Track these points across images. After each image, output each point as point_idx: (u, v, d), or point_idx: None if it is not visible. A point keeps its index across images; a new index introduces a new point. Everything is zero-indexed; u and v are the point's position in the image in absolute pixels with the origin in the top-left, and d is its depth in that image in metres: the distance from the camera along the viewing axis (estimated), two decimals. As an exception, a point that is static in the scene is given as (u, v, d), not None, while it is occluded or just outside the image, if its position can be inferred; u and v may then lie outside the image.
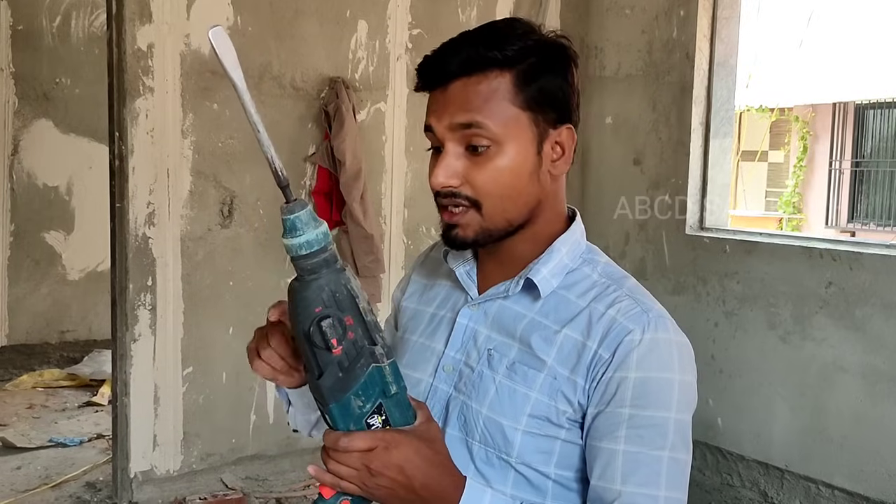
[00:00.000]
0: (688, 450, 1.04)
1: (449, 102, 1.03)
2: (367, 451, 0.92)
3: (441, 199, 1.06)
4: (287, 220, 0.90)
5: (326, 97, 3.66)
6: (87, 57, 5.95)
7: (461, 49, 1.03)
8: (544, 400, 1.03)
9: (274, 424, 3.69)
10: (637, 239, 4.08)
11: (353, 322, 0.91)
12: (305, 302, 0.90)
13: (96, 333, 6.01)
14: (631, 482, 0.99)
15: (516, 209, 1.05)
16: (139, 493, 3.41)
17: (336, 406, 0.92)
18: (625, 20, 4.14)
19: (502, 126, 1.02)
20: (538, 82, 1.03)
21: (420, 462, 0.94)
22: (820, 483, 3.41)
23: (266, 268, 3.64)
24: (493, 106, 1.01)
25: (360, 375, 0.92)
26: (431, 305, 1.19)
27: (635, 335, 1.01)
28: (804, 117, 12.20)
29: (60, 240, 6.01)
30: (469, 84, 1.02)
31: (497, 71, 1.02)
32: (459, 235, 1.06)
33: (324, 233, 0.90)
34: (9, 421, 4.54)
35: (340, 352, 0.91)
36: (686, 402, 1.03)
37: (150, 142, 3.31)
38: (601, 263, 1.11)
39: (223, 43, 0.88)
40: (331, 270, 0.91)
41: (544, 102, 1.04)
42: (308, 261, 0.90)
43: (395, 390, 0.94)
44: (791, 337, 3.50)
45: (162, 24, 3.28)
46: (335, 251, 0.92)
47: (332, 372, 0.91)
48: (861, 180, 12.07)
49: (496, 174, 1.03)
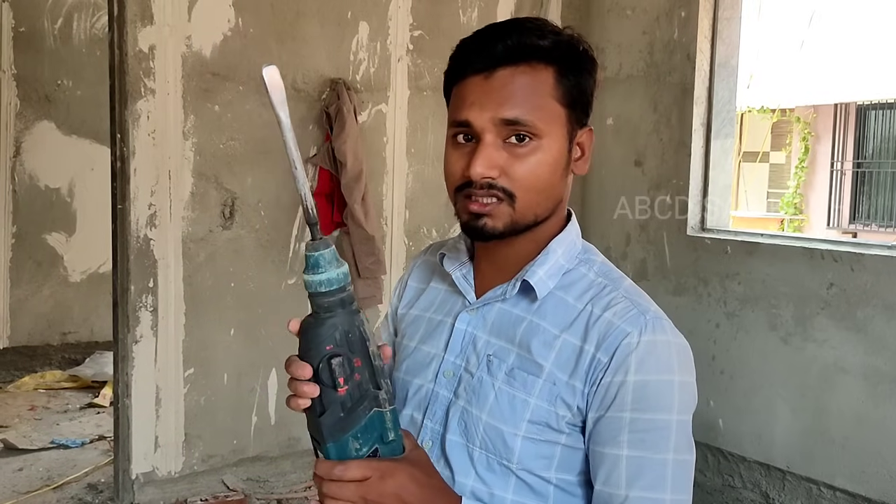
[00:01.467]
0: (691, 450, 1.03)
1: (494, 93, 1.01)
2: (362, 482, 0.92)
3: (473, 190, 1.02)
4: (311, 256, 0.91)
5: (327, 98, 3.66)
6: (88, 59, 5.96)
7: (509, 35, 1.01)
8: (544, 405, 1.02)
9: (275, 426, 3.69)
10: (638, 240, 4.08)
11: (361, 364, 0.92)
12: (318, 339, 0.91)
13: (98, 335, 6.01)
14: (636, 486, 0.99)
15: (546, 205, 1.05)
16: (141, 495, 3.41)
17: (333, 446, 0.93)
18: (626, 21, 4.14)
19: (546, 122, 1.02)
20: (576, 80, 1.03)
21: (416, 488, 0.94)
22: (821, 484, 3.41)
23: (267, 269, 3.64)
24: (539, 101, 1.01)
25: (362, 418, 0.93)
26: (429, 310, 1.18)
27: (632, 338, 1.00)
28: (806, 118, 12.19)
29: (62, 241, 6.01)
30: (516, 74, 1.01)
31: (543, 64, 1.01)
32: (488, 226, 1.03)
33: (344, 273, 0.91)
34: (10, 422, 4.54)
35: (345, 392, 0.91)
36: (686, 403, 1.02)
37: (152, 143, 3.31)
38: (597, 263, 1.11)
39: (275, 81, 0.91)
40: (346, 311, 0.92)
41: (578, 101, 1.04)
42: (325, 298, 0.91)
43: (392, 437, 0.95)
44: (792, 338, 3.50)
45: (163, 26, 3.28)
46: (352, 293, 0.93)
47: (334, 411, 0.92)
48: (863, 181, 12.06)
49: (536, 168, 1.02)
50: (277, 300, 3.66)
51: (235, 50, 3.46)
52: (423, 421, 1.11)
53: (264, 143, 3.57)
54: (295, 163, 0.89)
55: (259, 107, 3.54)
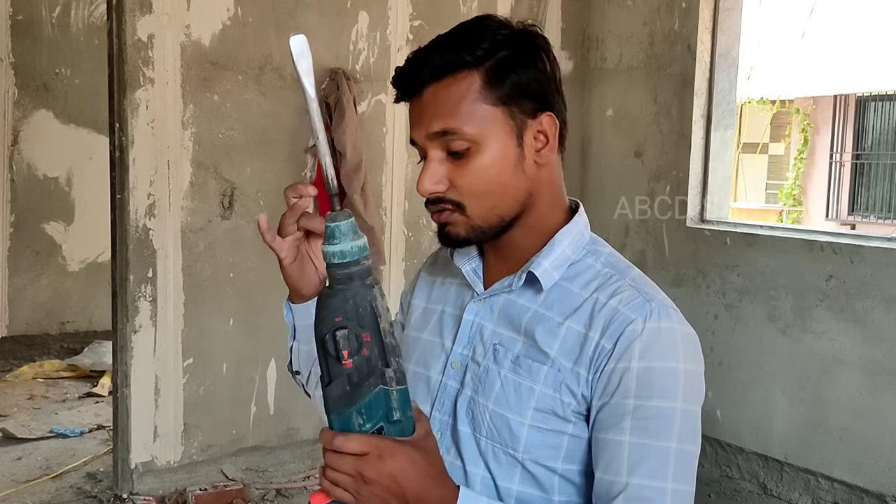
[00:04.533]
0: (695, 441, 1.02)
1: (423, 111, 1.05)
2: (361, 457, 0.92)
3: (429, 206, 1.07)
4: (328, 227, 0.92)
5: (327, 88, 3.65)
6: (86, 47, 5.93)
7: (430, 55, 1.04)
8: (549, 392, 1.02)
9: (274, 416, 3.70)
10: (637, 231, 4.08)
11: (370, 339, 0.91)
12: (328, 309, 0.92)
13: (96, 324, 6.01)
14: (637, 474, 0.98)
15: (505, 204, 1.05)
16: (140, 484, 3.41)
17: (336, 418, 0.93)
18: (626, 12, 4.13)
19: (478, 126, 1.02)
20: (509, 77, 1.03)
21: (414, 473, 0.93)
22: (819, 475, 3.42)
23: (266, 259, 3.62)
24: (466, 108, 1.02)
25: (366, 394, 0.92)
26: (440, 304, 1.19)
27: (637, 325, 1.00)
28: (805, 109, 12.17)
29: (61, 231, 6.00)
30: (439, 89, 1.03)
31: (466, 72, 1.02)
32: (451, 233, 1.07)
33: (360, 247, 0.92)
34: (9, 412, 4.55)
35: (351, 365, 0.91)
36: (692, 392, 1.02)
37: (151, 133, 3.30)
38: (604, 254, 1.11)
39: (302, 50, 0.91)
40: (360, 284, 0.92)
41: (518, 95, 1.03)
42: (339, 270, 0.92)
43: (398, 417, 0.93)
44: (791, 330, 3.51)
45: (162, 15, 3.27)
46: (369, 267, 0.93)
47: (339, 383, 0.92)
48: (862, 173, 12.05)
49: (478, 174, 1.03)
50: (276, 290, 3.63)
51: (234, 39, 3.45)
52: (431, 412, 1.11)
53: (263, 132, 3.56)
54: (318, 133, 0.90)
55: (258, 96, 3.53)
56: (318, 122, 0.90)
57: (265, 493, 3.53)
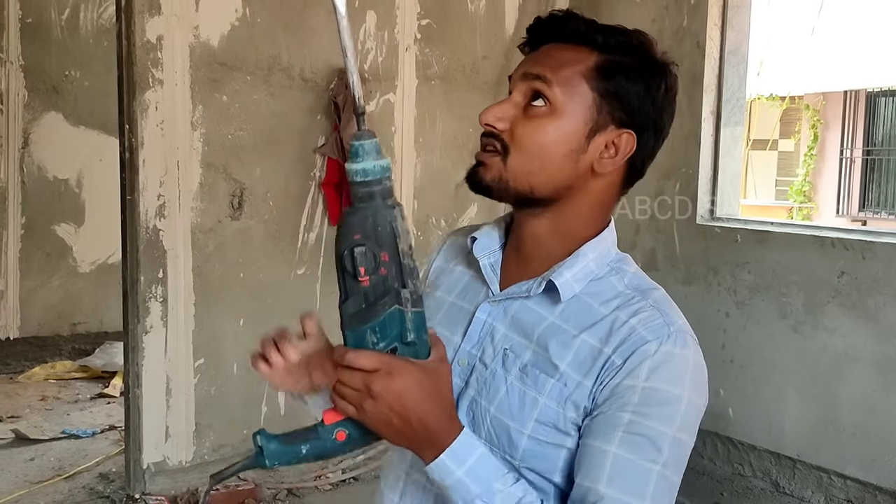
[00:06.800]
0: (679, 472, 1.00)
1: (534, 58, 1.07)
2: (371, 373, 0.92)
3: (482, 138, 1.07)
4: (353, 145, 0.94)
5: (335, 88, 3.66)
6: (96, 49, 5.95)
7: (568, 20, 1.07)
8: (552, 406, 1.01)
9: (285, 415, 3.70)
10: (648, 229, 4.07)
11: (388, 259, 0.92)
12: (348, 227, 0.93)
13: (108, 325, 6.03)
14: (616, 486, 0.96)
15: (542, 176, 1.04)
16: (152, 484, 3.42)
17: (351, 334, 0.94)
18: (634, 9, 4.12)
19: (567, 95, 1.03)
20: (619, 78, 1.04)
21: (420, 396, 0.93)
22: (832, 473, 3.40)
23: (276, 260, 3.64)
24: (568, 73, 1.04)
25: (381, 312, 0.93)
26: (451, 294, 1.17)
27: (651, 346, 0.98)
28: (815, 105, 12.13)
29: (71, 232, 6.02)
30: (558, 48, 1.06)
31: (588, 49, 1.05)
32: (480, 174, 1.06)
33: (382, 166, 0.93)
34: (22, 413, 4.57)
35: (368, 283, 0.92)
36: (688, 424, 1.00)
37: (160, 134, 3.31)
38: (629, 274, 1.08)
39: None
40: (381, 204, 0.93)
41: (616, 99, 1.04)
42: (361, 188, 0.93)
43: (412, 338, 0.94)
44: (803, 327, 3.49)
45: (171, 16, 3.27)
46: (391, 188, 0.94)
47: (356, 301, 0.93)
48: (872, 169, 11.99)
49: (539, 133, 1.04)
50: (286, 290, 3.66)
51: (243, 40, 3.46)
52: None
53: (272, 133, 3.56)
54: (347, 51, 0.91)
55: (267, 97, 3.54)
56: (347, 39, 0.90)
57: (277, 493, 3.53)
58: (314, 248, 3.75)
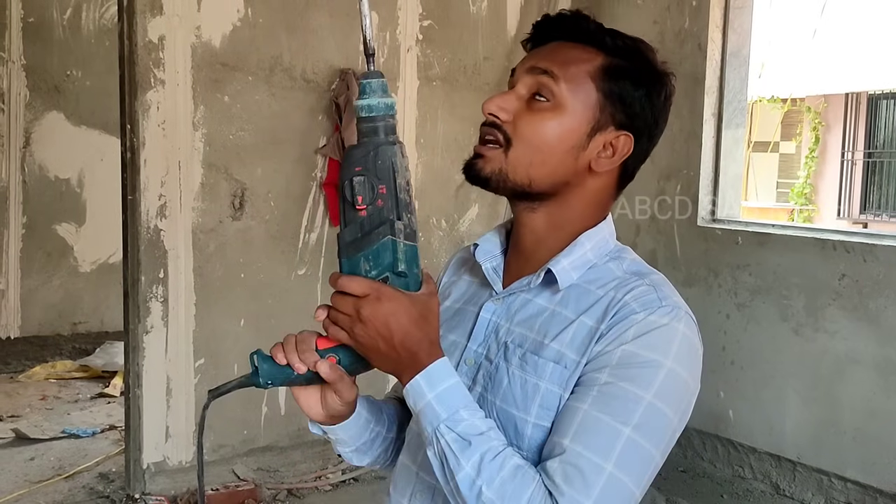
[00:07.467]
0: (654, 443, 0.98)
1: (540, 54, 1.09)
2: (361, 298, 0.96)
3: (482, 127, 1.09)
4: (361, 83, 0.99)
5: (337, 89, 3.66)
6: (97, 49, 5.95)
7: (578, 20, 1.09)
8: (554, 390, 1.02)
9: (285, 416, 3.70)
10: (648, 230, 4.07)
11: (385, 192, 0.97)
12: (351, 159, 0.97)
13: (108, 325, 6.03)
14: (580, 441, 0.96)
15: (542, 170, 1.06)
16: (152, 484, 3.42)
17: (346, 262, 0.99)
18: (636, 10, 4.12)
19: (571, 92, 1.05)
20: (624, 81, 1.06)
21: (405, 321, 0.97)
22: (832, 475, 3.40)
23: (277, 260, 3.64)
24: (575, 71, 1.06)
25: (375, 242, 0.97)
26: (458, 301, 1.19)
27: (639, 315, 1.00)
28: (816, 107, 12.12)
29: (72, 232, 6.02)
30: (565, 46, 1.08)
31: (595, 49, 1.07)
32: (478, 166, 1.07)
33: (387, 105, 0.98)
34: (22, 412, 4.57)
35: (365, 213, 0.97)
36: (669, 393, 0.99)
37: (162, 134, 3.31)
38: (627, 260, 1.11)
39: None
40: (383, 140, 0.97)
41: (619, 101, 1.06)
42: (365, 124, 0.98)
43: (402, 269, 0.98)
44: (804, 329, 3.49)
45: (173, 17, 3.27)
46: (394, 126, 0.98)
47: (353, 230, 0.98)
48: (873, 171, 11.98)
49: (541, 127, 1.06)
50: (287, 291, 3.66)
51: (245, 40, 3.46)
52: None
53: (274, 133, 3.57)
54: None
55: (268, 97, 3.54)
56: None
57: (276, 493, 3.53)
58: (315, 249, 3.75)
